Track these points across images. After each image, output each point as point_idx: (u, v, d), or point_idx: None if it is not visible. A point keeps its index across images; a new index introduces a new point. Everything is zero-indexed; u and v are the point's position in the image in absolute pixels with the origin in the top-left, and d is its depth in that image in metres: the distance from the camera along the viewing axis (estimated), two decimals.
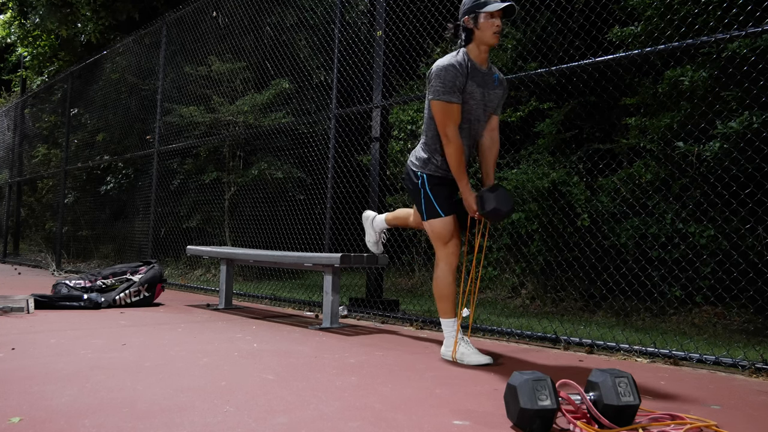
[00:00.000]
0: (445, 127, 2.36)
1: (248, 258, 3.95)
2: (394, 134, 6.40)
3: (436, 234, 2.47)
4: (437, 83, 2.34)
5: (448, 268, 2.44)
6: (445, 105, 2.34)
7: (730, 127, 3.54)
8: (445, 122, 2.36)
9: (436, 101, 2.35)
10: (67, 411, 1.56)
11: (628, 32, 4.25)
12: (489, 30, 2.35)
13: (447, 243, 2.44)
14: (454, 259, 2.44)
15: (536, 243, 4.72)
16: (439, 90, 2.34)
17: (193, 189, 7.26)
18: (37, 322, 3.31)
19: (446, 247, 2.44)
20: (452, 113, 2.35)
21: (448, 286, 2.44)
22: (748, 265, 3.52)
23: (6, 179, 11.53)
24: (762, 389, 2.10)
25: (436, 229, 2.46)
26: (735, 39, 3.23)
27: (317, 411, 1.63)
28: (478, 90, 2.40)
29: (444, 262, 2.45)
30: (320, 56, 6.74)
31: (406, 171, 2.58)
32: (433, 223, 2.46)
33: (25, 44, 11.41)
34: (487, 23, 2.35)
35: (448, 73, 2.33)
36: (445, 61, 2.36)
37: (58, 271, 8.03)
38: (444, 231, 2.44)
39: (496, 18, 2.36)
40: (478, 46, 2.40)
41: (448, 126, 2.36)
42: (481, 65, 2.42)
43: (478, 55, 2.41)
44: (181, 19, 6.43)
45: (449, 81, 2.33)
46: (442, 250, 2.46)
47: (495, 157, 2.57)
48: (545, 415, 1.44)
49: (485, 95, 2.43)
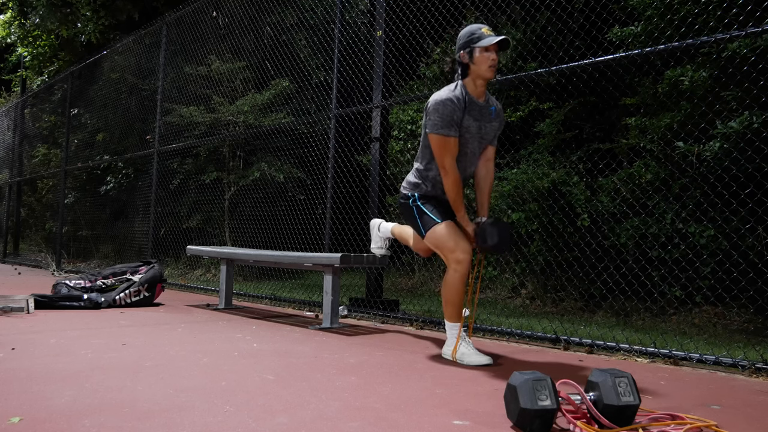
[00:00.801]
0: (443, 159, 2.41)
1: (248, 258, 3.95)
2: (394, 134, 6.40)
3: (439, 243, 2.44)
4: (435, 117, 2.37)
5: (459, 276, 2.39)
6: (443, 138, 2.38)
7: (730, 127, 3.54)
8: (442, 155, 2.40)
9: (434, 135, 2.39)
10: (67, 411, 1.56)
11: (628, 32, 4.24)
12: (484, 64, 2.38)
13: (454, 250, 2.39)
14: (464, 265, 2.38)
15: (536, 243, 4.72)
16: (438, 124, 2.37)
17: (193, 189, 7.26)
18: (37, 322, 3.31)
19: (454, 254, 2.38)
20: (450, 146, 2.39)
21: (457, 293, 2.42)
22: (748, 265, 3.51)
23: (6, 179, 11.53)
24: (762, 389, 2.10)
25: (437, 237, 2.44)
26: (735, 39, 3.23)
27: (317, 411, 1.63)
28: (474, 124, 2.44)
29: (454, 269, 2.40)
30: (320, 56, 6.74)
31: (399, 198, 2.63)
32: (434, 231, 2.45)
33: (25, 44, 11.41)
34: (482, 57, 2.38)
35: (446, 107, 2.36)
36: (443, 95, 2.38)
37: (58, 271, 8.03)
38: (446, 237, 2.41)
39: (491, 52, 2.38)
40: (474, 80, 2.43)
41: (445, 158, 2.40)
42: (478, 98, 2.45)
43: (475, 89, 2.44)
44: (181, 19, 6.43)
45: (447, 115, 2.36)
46: (450, 258, 2.40)
47: (490, 187, 2.62)
48: (545, 415, 1.44)
49: (481, 128, 2.47)
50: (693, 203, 3.92)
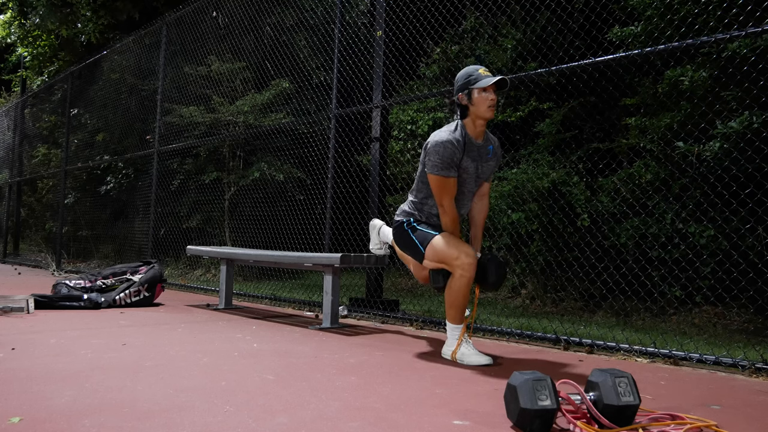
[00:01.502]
0: (441, 198, 2.44)
1: (248, 258, 3.95)
2: (394, 134, 6.40)
3: (441, 253, 2.42)
4: (436, 159, 2.39)
5: (465, 281, 2.38)
6: (442, 179, 2.40)
7: (730, 127, 3.54)
8: (441, 194, 2.44)
9: (434, 176, 2.41)
10: (67, 411, 1.56)
11: (628, 32, 4.24)
12: (483, 105, 2.39)
13: (458, 256, 2.36)
14: (470, 270, 2.36)
15: (536, 243, 4.72)
16: (437, 165, 2.39)
17: (193, 189, 7.26)
18: (37, 322, 3.31)
19: (458, 260, 2.36)
20: (449, 187, 2.42)
21: (463, 297, 2.42)
22: (748, 265, 3.51)
23: (6, 179, 11.53)
24: (762, 389, 2.10)
25: (438, 248, 2.43)
26: (735, 39, 3.23)
27: (317, 411, 1.63)
28: (472, 165, 2.47)
29: (461, 276, 2.37)
30: (320, 56, 6.74)
31: (393, 226, 2.66)
32: (433, 244, 2.44)
33: (25, 44, 11.41)
34: (480, 98, 2.39)
35: (446, 150, 2.37)
36: (444, 137, 2.39)
37: (58, 271, 8.03)
38: (446, 246, 2.40)
39: (489, 92, 2.40)
40: (473, 121, 2.45)
41: (444, 198, 2.44)
42: (477, 139, 2.47)
43: (474, 129, 2.46)
44: (181, 19, 6.43)
45: (447, 157, 2.38)
46: (455, 264, 2.37)
47: (483, 221, 2.66)
48: (545, 415, 1.44)
49: (478, 168, 2.50)
50: (693, 203, 3.92)
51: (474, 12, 5.67)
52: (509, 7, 5.37)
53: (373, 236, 3.20)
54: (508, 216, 4.83)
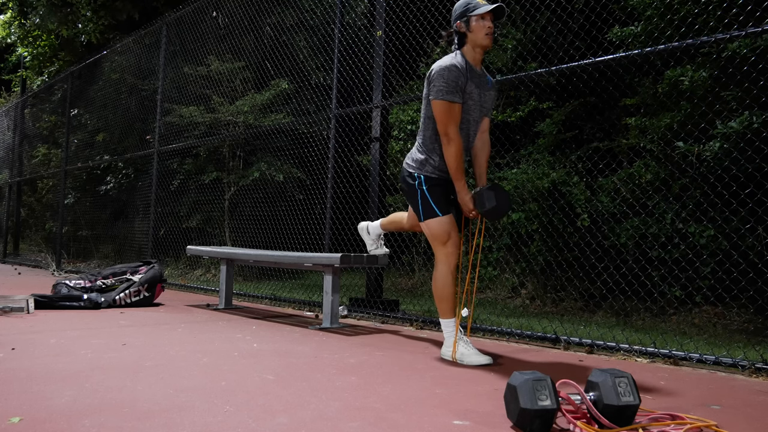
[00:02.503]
0: (447, 126, 2.39)
1: (248, 258, 3.95)
2: (394, 134, 6.40)
3: (434, 234, 2.48)
4: (440, 83, 2.36)
5: (447, 269, 2.45)
6: (448, 105, 2.37)
7: (730, 127, 3.53)
8: (447, 122, 2.39)
9: (439, 101, 2.38)
10: (67, 411, 1.56)
11: (628, 32, 4.24)
12: (481, 32, 2.41)
13: (445, 243, 2.45)
14: (453, 259, 2.45)
15: (536, 243, 4.72)
16: (443, 89, 2.36)
17: (193, 189, 7.25)
18: (37, 322, 3.31)
19: (445, 247, 2.45)
20: (454, 113, 2.39)
21: (447, 286, 2.45)
22: (748, 265, 3.51)
23: (6, 179, 11.53)
24: (762, 389, 2.10)
25: (433, 229, 2.47)
26: (735, 39, 3.23)
27: (317, 411, 1.63)
28: (476, 91, 2.46)
29: (442, 262, 2.46)
30: (320, 56, 6.74)
31: (402, 173, 2.61)
32: (431, 223, 2.48)
33: (25, 44, 11.40)
34: (478, 25, 2.41)
35: (451, 73, 2.37)
36: (447, 62, 2.39)
37: (58, 271, 8.03)
38: (442, 231, 2.45)
39: (487, 20, 2.41)
40: (473, 48, 2.46)
41: (449, 125, 2.39)
42: (476, 67, 2.48)
43: (473, 57, 2.47)
44: (181, 19, 6.43)
45: (452, 81, 2.36)
46: (440, 250, 2.46)
47: (487, 158, 2.62)
48: (545, 415, 1.44)
49: (482, 96, 2.50)
50: (693, 203, 3.92)
51: None
52: (509, 7, 5.36)
53: (365, 238, 3.22)
54: (508, 216, 4.83)
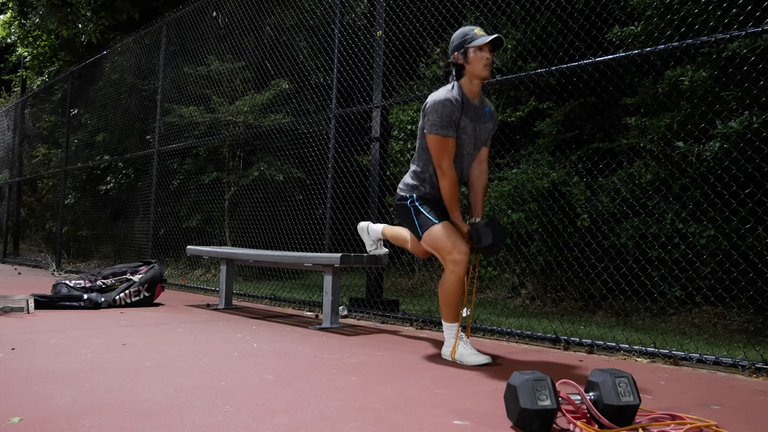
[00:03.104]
0: (441, 160, 2.42)
1: (248, 258, 3.95)
2: (394, 134, 6.40)
3: (436, 245, 2.43)
4: (434, 117, 2.38)
5: (456, 277, 2.39)
6: (441, 139, 2.39)
7: (730, 127, 3.54)
8: (440, 155, 2.41)
9: (433, 135, 2.40)
10: (67, 411, 1.56)
11: (628, 32, 4.24)
12: (479, 63, 2.40)
13: (451, 251, 2.38)
14: (462, 265, 2.38)
15: (536, 243, 4.72)
16: (437, 124, 2.38)
17: (193, 189, 7.25)
18: (37, 322, 3.31)
19: (452, 255, 2.38)
20: (448, 147, 2.41)
21: (455, 293, 2.42)
22: (748, 265, 3.51)
23: (6, 179, 11.53)
24: (762, 389, 2.10)
25: (434, 238, 2.43)
26: (735, 39, 3.23)
27: (317, 411, 1.63)
28: (470, 125, 2.45)
29: (452, 271, 2.39)
30: (320, 56, 6.74)
31: (395, 199, 2.63)
32: (431, 232, 2.45)
33: (25, 44, 11.40)
34: (476, 57, 2.40)
35: (445, 108, 2.37)
36: (442, 96, 2.39)
37: (58, 271, 8.03)
38: (443, 238, 2.41)
39: (485, 51, 2.40)
40: (470, 80, 2.45)
41: (443, 159, 2.41)
42: (473, 99, 2.47)
43: (471, 89, 2.46)
44: (181, 19, 6.43)
45: (446, 115, 2.37)
46: (448, 259, 2.39)
47: (484, 188, 2.63)
48: (545, 415, 1.44)
49: (476, 129, 2.49)
50: (693, 203, 3.92)
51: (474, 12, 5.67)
52: (509, 7, 5.37)
53: (365, 238, 3.21)
54: (508, 216, 4.83)
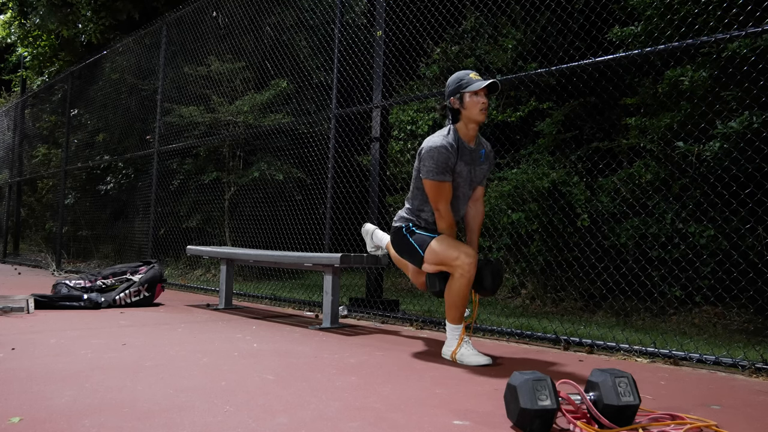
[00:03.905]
0: (438, 203, 2.45)
1: (248, 258, 3.95)
2: (394, 134, 6.40)
3: (440, 256, 2.41)
4: (430, 164, 2.40)
5: (465, 281, 2.37)
6: (437, 184, 2.42)
7: (730, 127, 3.54)
8: (437, 199, 2.45)
9: (429, 180, 2.42)
10: (67, 411, 1.56)
11: (628, 32, 4.24)
12: (475, 108, 2.41)
13: (457, 257, 2.36)
14: (471, 269, 2.35)
15: (536, 243, 4.72)
16: (432, 170, 2.40)
17: (193, 189, 7.25)
18: (37, 322, 3.31)
19: (458, 260, 2.36)
20: (444, 191, 2.44)
21: (463, 297, 2.42)
22: (748, 265, 3.51)
23: (6, 179, 11.53)
24: (762, 389, 2.10)
25: (437, 250, 2.42)
26: (735, 39, 3.23)
27: (317, 411, 1.63)
28: (465, 168, 2.48)
29: (461, 276, 2.37)
30: (320, 56, 6.74)
31: (391, 232, 2.65)
32: (431, 248, 2.44)
33: (26, 44, 11.41)
34: (472, 101, 2.41)
35: (441, 154, 2.39)
36: (438, 142, 2.40)
37: (58, 271, 8.03)
38: (444, 247, 2.40)
39: (481, 96, 2.41)
40: (466, 125, 2.46)
41: (440, 203, 2.45)
42: (469, 142, 2.48)
43: (467, 133, 2.47)
44: (181, 19, 6.43)
45: (441, 162, 2.39)
46: (455, 264, 2.37)
47: (479, 226, 2.66)
48: (545, 415, 1.44)
49: (471, 172, 2.52)
50: (693, 203, 3.92)
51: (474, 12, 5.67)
52: (509, 7, 5.37)
53: (367, 240, 3.22)
54: (508, 216, 4.83)
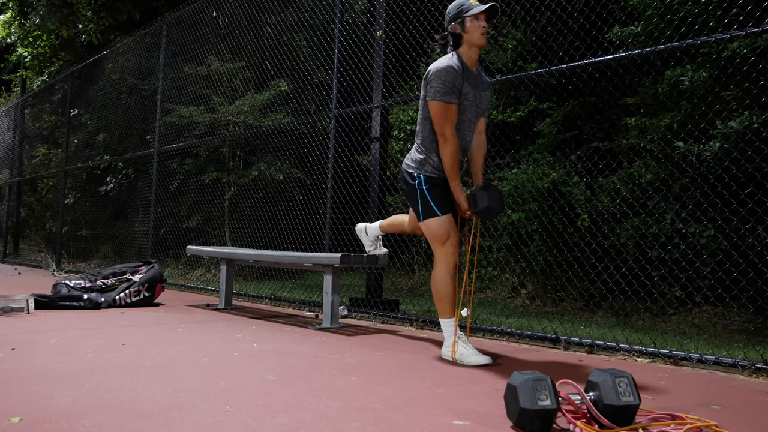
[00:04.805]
0: (443, 127, 2.42)
1: (248, 258, 3.95)
2: (394, 134, 6.40)
3: (433, 234, 2.49)
4: (438, 84, 2.39)
5: (446, 268, 2.45)
6: (444, 105, 2.40)
7: (730, 127, 3.53)
8: (443, 122, 2.42)
9: (435, 102, 2.41)
10: (67, 411, 1.56)
11: (628, 32, 4.24)
12: (476, 32, 2.44)
13: (444, 243, 2.46)
14: (452, 258, 2.46)
15: (536, 243, 4.72)
16: (440, 90, 2.39)
17: (193, 189, 7.25)
18: (37, 322, 3.31)
19: (444, 247, 2.46)
20: (451, 113, 2.42)
21: (446, 287, 2.45)
22: (748, 265, 3.51)
23: (6, 179, 11.53)
24: (762, 389, 2.10)
25: (433, 228, 2.48)
26: (735, 39, 3.23)
27: (317, 411, 1.63)
28: (472, 91, 2.48)
29: (442, 262, 2.47)
30: (320, 56, 6.74)
31: (402, 174, 2.62)
32: (430, 222, 2.49)
33: (26, 44, 11.40)
34: (473, 25, 2.44)
35: (448, 74, 2.39)
36: (444, 63, 2.42)
37: (58, 271, 8.03)
38: (441, 230, 2.46)
39: (482, 20, 2.45)
40: (468, 48, 2.48)
41: (445, 126, 2.42)
42: (472, 67, 2.50)
43: (469, 57, 2.49)
44: (181, 19, 6.43)
45: (449, 82, 2.39)
46: (440, 250, 2.47)
47: (483, 158, 2.66)
48: (545, 415, 1.44)
49: (477, 96, 2.51)
50: (693, 203, 3.92)
51: None
52: (509, 7, 5.37)
53: (363, 239, 3.23)
54: (508, 216, 4.83)
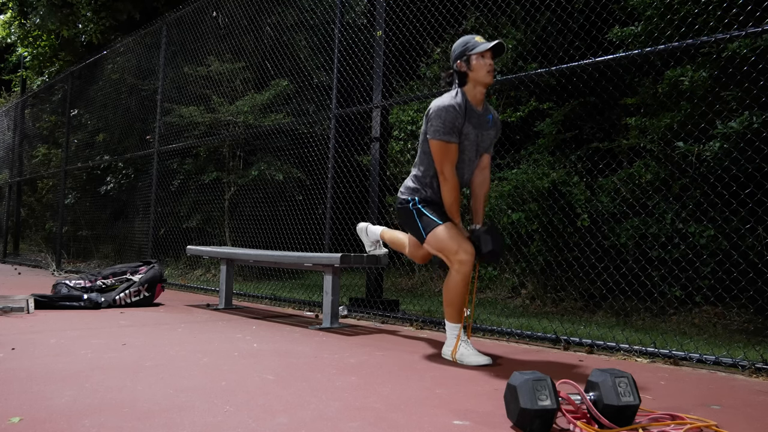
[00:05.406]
0: (443, 165, 2.43)
1: (248, 258, 3.95)
2: (394, 134, 6.40)
3: (441, 245, 2.42)
4: (438, 123, 2.39)
5: (461, 277, 2.38)
6: (444, 145, 2.40)
7: (730, 127, 3.54)
8: (443, 161, 2.42)
9: (435, 141, 2.41)
10: (67, 411, 1.56)
11: (628, 32, 4.24)
12: (482, 70, 2.42)
13: (456, 251, 2.37)
14: (467, 267, 2.37)
15: (536, 243, 4.72)
16: (440, 130, 2.39)
17: (193, 189, 7.25)
18: (37, 322, 3.31)
19: (457, 255, 2.37)
20: (450, 152, 2.42)
21: (459, 295, 2.42)
22: (748, 265, 3.51)
23: (6, 179, 11.53)
24: (762, 389, 2.10)
25: (439, 238, 2.43)
26: (735, 39, 3.23)
27: (317, 411, 1.63)
28: (473, 131, 2.46)
29: (457, 271, 2.38)
30: (320, 56, 6.74)
31: (397, 203, 2.63)
32: (435, 233, 2.44)
33: (26, 44, 11.41)
34: (479, 64, 2.42)
35: (449, 114, 2.38)
36: (446, 102, 2.40)
37: (58, 271, 8.03)
38: (448, 238, 2.41)
39: (487, 58, 2.43)
40: (474, 87, 2.46)
41: (445, 165, 2.42)
42: (477, 106, 2.48)
43: (474, 95, 2.47)
44: (181, 19, 6.43)
45: (449, 121, 2.38)
46: (453, 259, 2.39)
47: (485, 195, 2.64)
48: (545, 415, 1.44)
49: (479, 136, 2.50)
50: (693, 203, 3.92)
51: (474, 12, 5.67)
52: (509, 7, 5.37)
53: (364, 239, 3.22)
54: (508, 216, 4.83)
